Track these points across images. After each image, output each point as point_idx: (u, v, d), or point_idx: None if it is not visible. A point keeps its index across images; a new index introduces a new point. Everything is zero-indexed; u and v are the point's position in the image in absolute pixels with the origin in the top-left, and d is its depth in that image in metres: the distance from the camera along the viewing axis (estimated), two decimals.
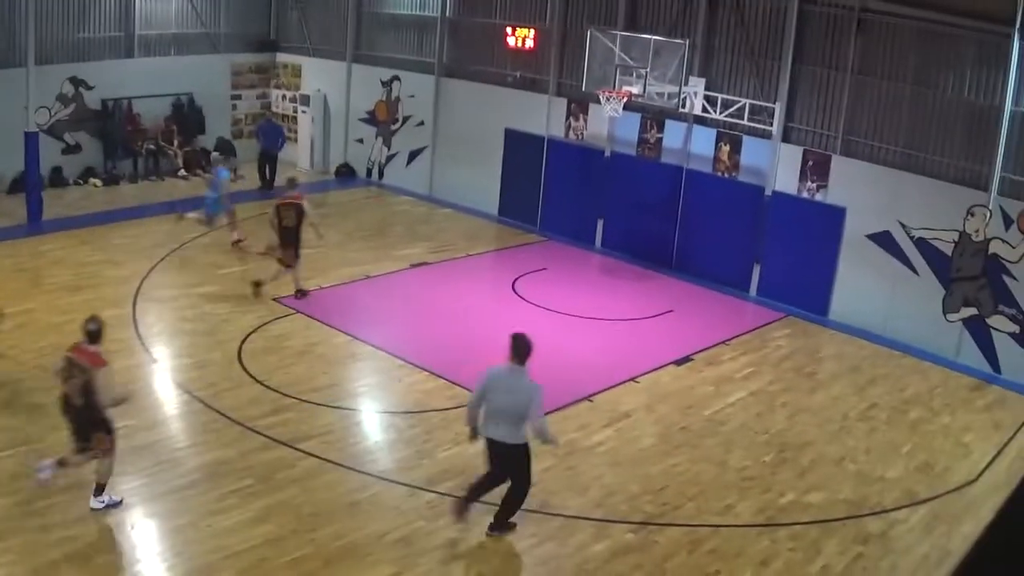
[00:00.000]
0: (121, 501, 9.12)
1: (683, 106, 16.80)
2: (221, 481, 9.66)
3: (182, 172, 22.50)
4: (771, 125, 16.57)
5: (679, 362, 13.99)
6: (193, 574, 8.22)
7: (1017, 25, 13.84)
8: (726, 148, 17.45)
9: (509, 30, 20.29)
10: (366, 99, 23.44)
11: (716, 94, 17.00)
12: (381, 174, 23.52)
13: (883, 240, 15.60)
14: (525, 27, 20.09)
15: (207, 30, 23.55)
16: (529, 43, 20.06)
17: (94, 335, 9.11)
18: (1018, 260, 14.17)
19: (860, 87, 15.84)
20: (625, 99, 16.34)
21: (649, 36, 16.68)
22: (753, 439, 11.74)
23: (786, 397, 13.12)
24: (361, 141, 23.82)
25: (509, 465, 8.94)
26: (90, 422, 8.91)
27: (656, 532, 9.51)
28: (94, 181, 21.27)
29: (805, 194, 16.52)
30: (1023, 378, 14.15)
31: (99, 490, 9.07)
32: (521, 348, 8.79)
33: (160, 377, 12.26)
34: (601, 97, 16.59)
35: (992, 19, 14.14)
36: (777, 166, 16.77)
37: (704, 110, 17.09)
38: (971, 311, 14.76)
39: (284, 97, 24.97)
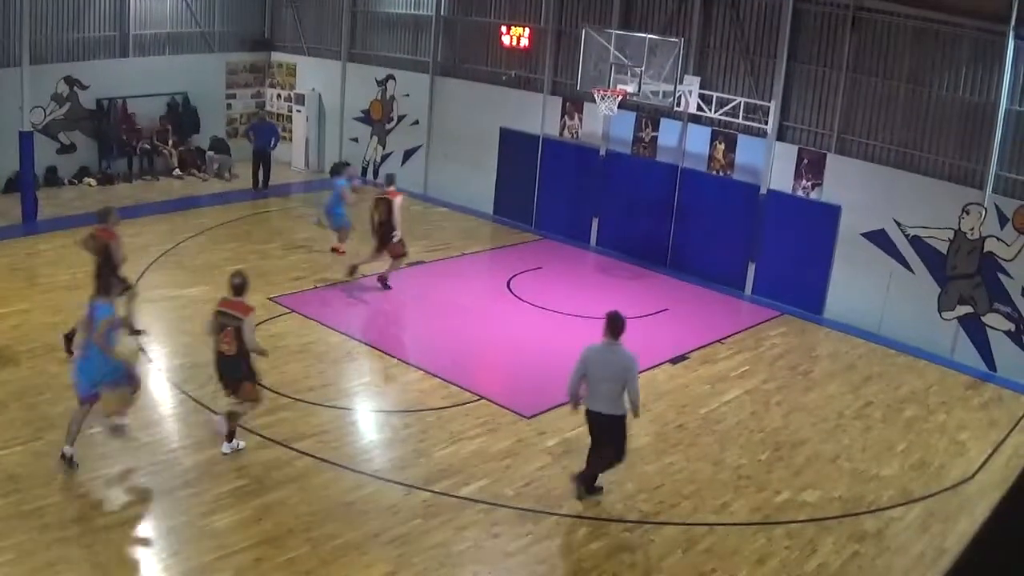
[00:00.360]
0: (245, 446, 10.12)
1: (678, 105, 16.83)
2: (217, 481, 9.65)
3: (177, 171, 22.49)
4: (766, 123, 16.60)
5: (674, 361, 14.00)
6: (189, 574, 8.21)
7: (1012, 23, 13.87)
8: (721, 147, 17.47)
9: (504, 29, 20.29)
10: (361, 98, 23.43)
11: (711, 92, 17.02)
12: (376, 173, 23.50)
13: (878, 238, 15.63)
14: (520, 26, 20.09)
15: (202, 29, 23.53)
16: (524, 42, 20.06)
17: (239, 288, 10.08)
18: (1013, 258, 14.20)
19: (855, 85, 15.86)
20: (620, 98, 16.34)
21: (644, 35, 16.68)
22: (749, 438, 11.75)
23: (781, 395, 13.13)
24: (356, 140, 23.81)
25: (609, 435, 9.53)
26: (240, 371, 9.91)
27: (652, 531, 9.51)
28: (89, 181, 21.24)
29: (800, 192, 16.54)
30: (1018, 376, 14.18)
31: (230, 436, 10.06)
32: (616, 325, 9.46)
33: (155, 377, 12.23)
34: (596, 96, 16.59)
35: (987, 17, 14.16)
36: (772, 164, 16.79)
37: (699, 108, 17.11)
38: (966, 309, 14.79)
39: (279, 96, 24.96)
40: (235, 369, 9.90)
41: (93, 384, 9.50)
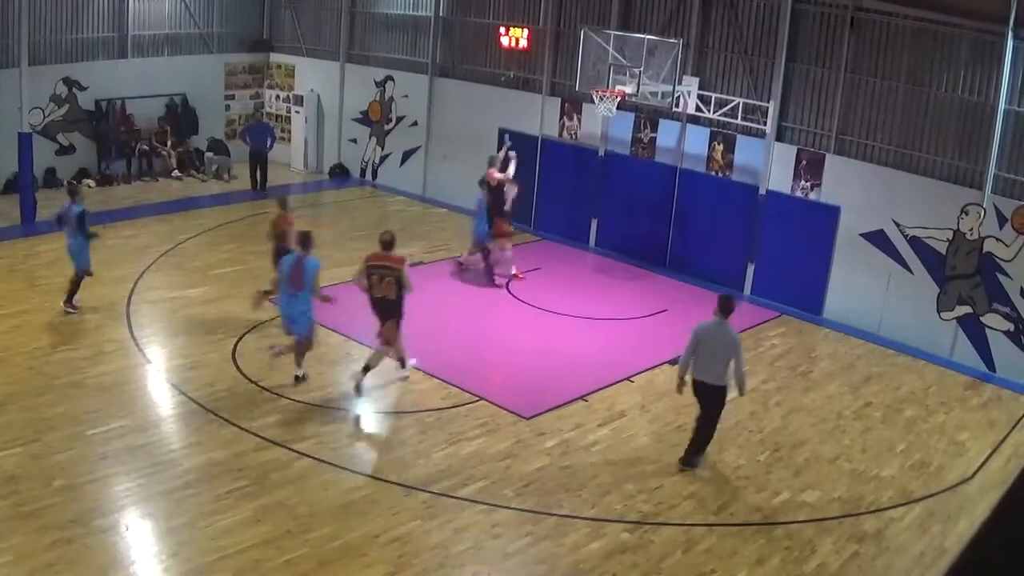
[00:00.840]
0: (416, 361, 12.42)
1: (677, 105, 16.82)
2: (216, 482, 9.65)
3: (176, 173, 22.48)
4: (765, 124, 16.60)
5: (673, 361, 13.92)
6: (188, 575, 8.21)
7: (1011, 24, 13.87)
8: (720, 147, 17.47)
9: (503, 30, 20.28)
10: (360, 99, 23.43)
11: (710, 93, 17.02)
12: (375, 174, 23.52)
13: (877, 239, 15.63)
14: (519, 27, 20.08)
15: (200, 30, 23.52)
16: (523, 43, 20.05)
17: (389, 244, 11.85)
18: (1012, 258, 14.20)
19: (854, 86, 15.87)
20: (619, 98, 16.33)
21: (642, 35, 16.69)
22: (748, 438, 11.75)
23: (780, 396, 13.13)
24: (355, 141, 23.82)
25: (711, 403, 10.51)
26: (396, 311, 11.82)
27: (651, 531, 9.51)
28: (87, 182, 21.20)
29: (799, 193, 16.54)
30: (1018, 376, 14.18)
31: (402, 363, 12.31)
32: (727, 305, 10.49)
33: (154, 378, 12.24)
34: (595, 97, 16.59)
35: (986, 18, 14.16)
36: (771, 165, 16.79)
37: (698, 109, 17.11)
38: (965, 309, 14.79)
39: (278, 97, 24.95)
40: (394, 309, 11.83)
41: (302, 325, 11.96)
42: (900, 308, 15.41)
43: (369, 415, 11.95)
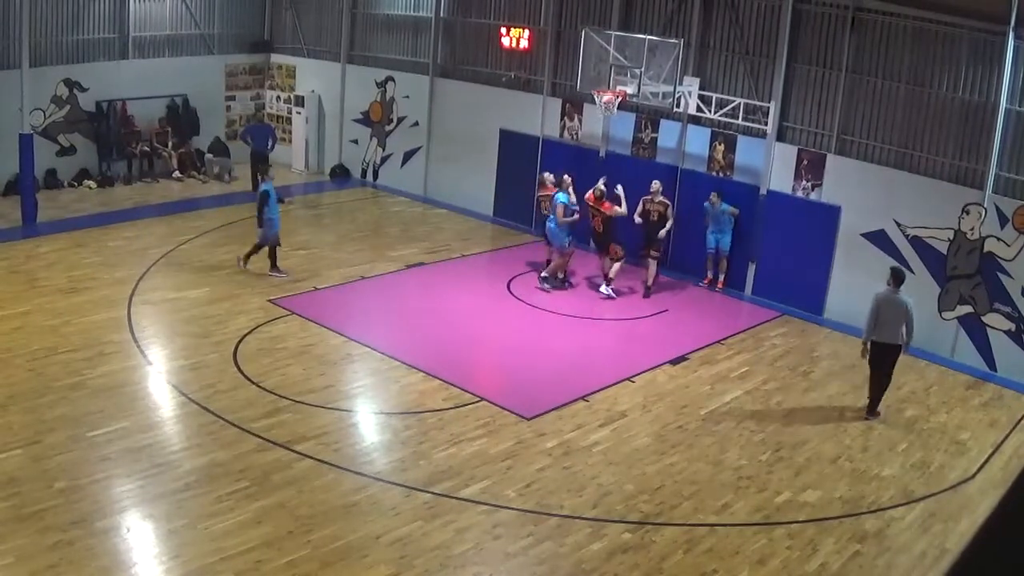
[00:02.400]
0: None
1: (677, 106, 16.81)
2: (217, 483, 9.65)
3: (176, 174, 22.48)
4: (766, 124, 16.59)
5: (675, 361, 13.99)
6: None
7: (1011, 23, 13.87)
8: (721, 147, 17.46)
9: (503, 30, 20.28)
10: (361, 100, 23.43)
11: (710, 93, 17.01)
12: (376, 175, 23.51)
13: (878, 239, 15.62)
14: (519, 27, 20.08)
15: (201, 31, 23.53)
16: (524, 43, 20.05)
17: (602, 195, 16.15)
18: (1013, 258, 14.20)
19: (855, 86, 15.86)
20: (620, 99, 16.33)
21: (643, 36, 16.67)
22: (749, 438, 11.75)
23: (782, 396, 13.13)
24: (356, 142, 23.81)
25: (888, 361, 12.30)
26: (609, 240, 16.03)
27: (653, 531, 9.51)
28: (88, 183, 21.23)
29: (800, 193, 16.54)
30: (1019, 376, 14.17)
31: (608, 281, 16.00)
32: (899, 277, 12.44)
33: (155, 379, 12.24)
34: (596, 97, 16.58)
35: (986, 17, 14.15)
36: (772, 165, 16.78)
37: (699, 109, 17.10)
38: (967, 309, 14.79)
39: (278, 98, 24.95)
40: (605, 238, 16.02)
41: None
42: None
43: (370, 416, 11.95)
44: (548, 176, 17.37)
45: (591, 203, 16.36)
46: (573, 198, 16.58)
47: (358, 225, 20.03)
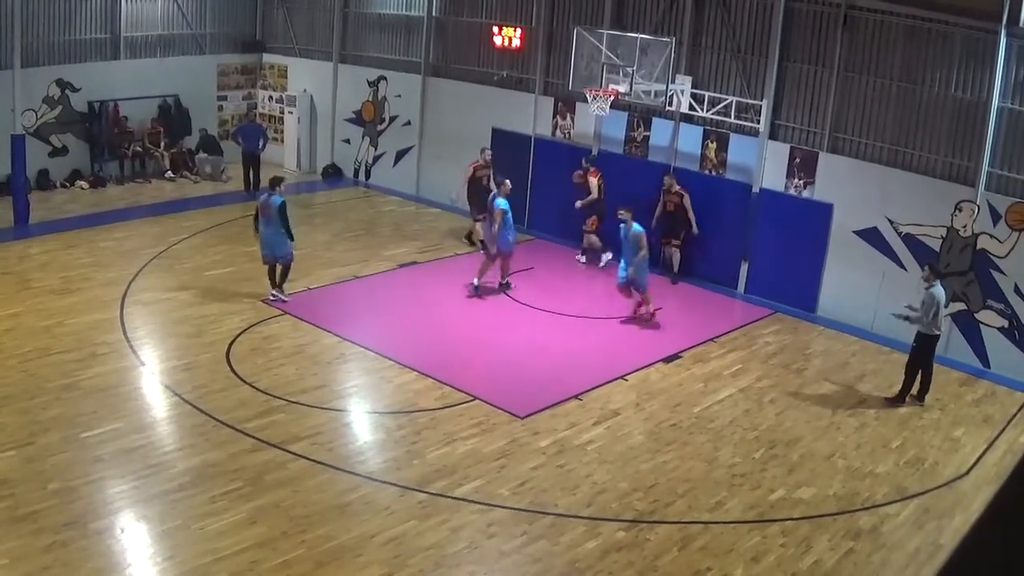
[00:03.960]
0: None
1: (670, 104, 16.82)
2: (211, 484, 9.63)
3: (169, 174, 22.43)
4: (758, 122, 16.60)
5: (668, 360, 14.00)
6: None
7: (1003, 21, 13.89)
8: (713, 146, 17.48)
9: (496, 29, 20.26)
10: (353, 99, 23.39)
11: (703, 92, 17.02)
12: (368, 174, 23.48)
13: (871, 236, 15.65)
14: (511, 26, 20.06)
15: (193, 31, 23.48)
16: (516, 42, 20.04)
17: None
18: (1006, 255, 14.23)
19: (847, 84, 15.87)
20: (612, 98, 16.33)
21: (635, 35, 16.69)
22: (743, 436, 11.76)
23: (775, 393, 13.14)
24: (348, 141, 23.78)
25: (929, 348, 12.98)
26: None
27: (647, 530, 9.52)
28: (81, 183, 21.18)
29: (792, 191, 16.55)
30: (1012, 372, 14.21)
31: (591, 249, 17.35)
32: (937, 270, 13.08)
33: (148, 380, 12.21)
34: (588, 96, 16.59)
35: (978, 15, 14.18)
36: (764, 163, 16.79)
37: (691, 108, 17.10)
38: (960, 306, 14.82)
39: (270, 98, 24.91)
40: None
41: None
42: (894, 305, 15.38)
43: (363, 416, 11.94)
44: (487, 152, 18.22)
45: (577, 180, 17.18)
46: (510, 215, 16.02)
47: (350, 225, 20.01)
